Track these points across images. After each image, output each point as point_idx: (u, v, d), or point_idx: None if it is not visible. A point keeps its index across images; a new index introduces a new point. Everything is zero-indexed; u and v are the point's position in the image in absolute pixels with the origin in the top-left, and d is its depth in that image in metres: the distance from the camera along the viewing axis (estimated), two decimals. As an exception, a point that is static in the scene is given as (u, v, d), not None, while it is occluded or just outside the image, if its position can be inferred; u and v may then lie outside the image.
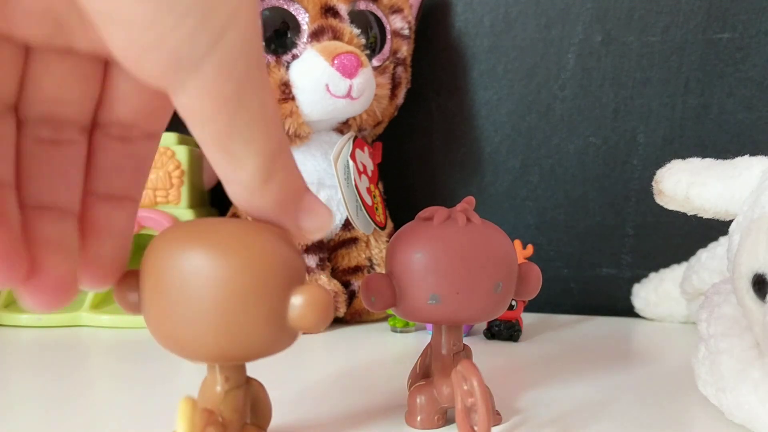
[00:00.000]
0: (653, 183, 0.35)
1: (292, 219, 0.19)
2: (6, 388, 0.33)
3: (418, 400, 0.26)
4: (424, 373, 0.28)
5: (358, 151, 0.51)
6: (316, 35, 0.46)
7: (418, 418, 0.26)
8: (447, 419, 0.27)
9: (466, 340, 0.45)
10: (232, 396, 0.22)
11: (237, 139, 0.17)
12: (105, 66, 0.19)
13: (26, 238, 0.17)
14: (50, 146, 0.18)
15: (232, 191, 0.19)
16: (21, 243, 0.17)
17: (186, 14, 0.15)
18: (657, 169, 0.35)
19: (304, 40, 0.46)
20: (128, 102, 0.19)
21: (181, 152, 0.50)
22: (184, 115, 0.17)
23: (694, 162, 0.34)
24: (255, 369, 0.25)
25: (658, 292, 0.52)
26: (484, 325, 0.46)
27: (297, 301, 0.19)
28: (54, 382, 0.33)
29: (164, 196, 0.50)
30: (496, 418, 0.27)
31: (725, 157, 0.34)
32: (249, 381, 0.23)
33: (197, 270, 0.18)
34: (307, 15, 0.47)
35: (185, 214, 0.50)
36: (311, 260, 0.48)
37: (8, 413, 0.28)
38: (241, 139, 0.17)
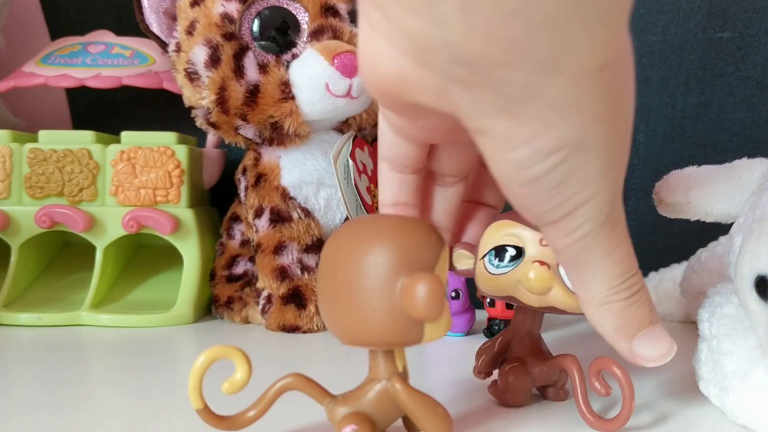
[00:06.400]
0: (653, 195, 0.35)
1: (624, 342, 0.23)
2: (6, 387, 0.33)
3: (511, 378, 0.29)
4: (501, 352, 0.31)
5: (358, 150, 0.50)
6: (316, 34, 0.46)
7: (508, 395, 0.29)
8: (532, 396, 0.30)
9: (465, 338, 0.45)
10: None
11: (587, 270, 0.21)
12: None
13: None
14: (441, 188, 0.27)
15: (579, 300, 0.23)
16: None
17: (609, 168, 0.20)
18: (657, 168, 0.35)
19: (304, 39, 0.46)
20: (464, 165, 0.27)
21: (181, 152, 0.50)
22: (558, 245, 0.21)
23: (691, 169, 0.35)
24: (256, 369, 0.25)
25: (657, 292, 0.52)
26: (484, 324, 0.46)
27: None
28: (54, 381, 0.33)
29: (164, 195, 0.50)
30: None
31: (725, 156, 0.34)
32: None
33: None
34: (307, 14, 0.46)
35: (185, 213, 0.50)
36: (311, 260, 0.48)
37: (8, 413, 0.28)
38: (590, 270, 0.21)
